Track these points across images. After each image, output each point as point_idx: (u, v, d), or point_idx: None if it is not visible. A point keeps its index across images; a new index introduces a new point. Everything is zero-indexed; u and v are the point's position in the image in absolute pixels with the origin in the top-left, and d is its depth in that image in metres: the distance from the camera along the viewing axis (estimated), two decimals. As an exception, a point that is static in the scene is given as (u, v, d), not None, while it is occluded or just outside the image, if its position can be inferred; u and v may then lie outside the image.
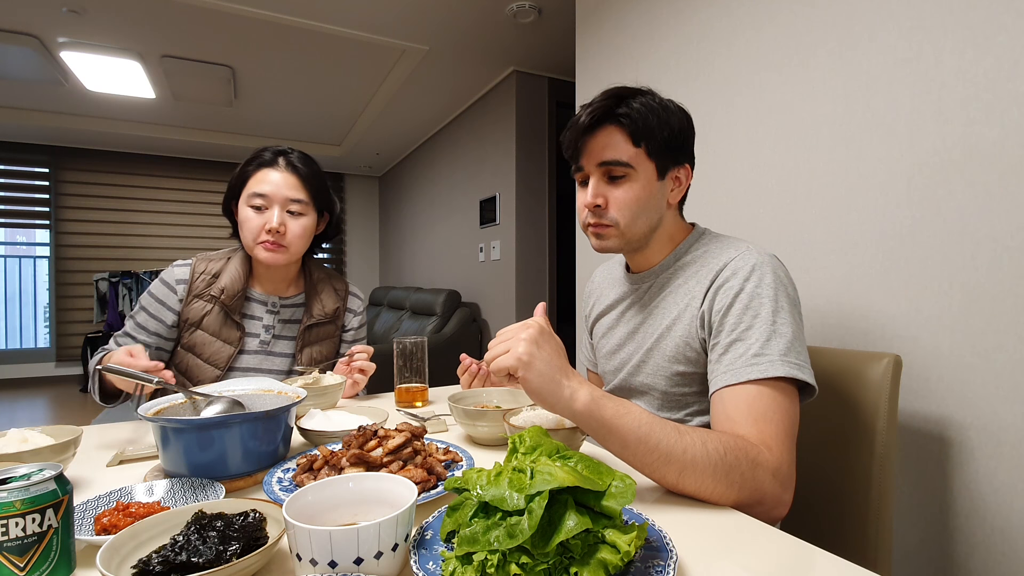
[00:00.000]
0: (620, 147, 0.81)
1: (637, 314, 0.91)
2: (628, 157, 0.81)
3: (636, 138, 0.80)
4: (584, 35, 2.09)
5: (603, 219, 0.84)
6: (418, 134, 4.84)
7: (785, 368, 0.68)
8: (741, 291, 0.75)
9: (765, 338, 0.70)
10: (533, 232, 3.47)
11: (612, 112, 0.81)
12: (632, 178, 0.82)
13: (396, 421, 0.94)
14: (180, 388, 0.77)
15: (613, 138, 0.81)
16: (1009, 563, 0.90)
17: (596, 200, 0.83)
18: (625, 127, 0.81)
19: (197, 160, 5.61)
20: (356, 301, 1.31)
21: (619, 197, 0.82)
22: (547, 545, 0.39)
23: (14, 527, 0.39)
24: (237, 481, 0.63)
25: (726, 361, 0.72)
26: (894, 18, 1.08)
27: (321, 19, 2.86)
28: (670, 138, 0.82)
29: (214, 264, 1.16)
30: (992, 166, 0.93)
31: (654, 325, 0.87)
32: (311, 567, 0.39)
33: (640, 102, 0.81)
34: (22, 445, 0.64)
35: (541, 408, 0.79)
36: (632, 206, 0.82)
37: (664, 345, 0.84)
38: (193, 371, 1.12)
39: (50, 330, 5.24)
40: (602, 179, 0.83)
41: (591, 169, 0.84)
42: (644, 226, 0.84)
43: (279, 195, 1.11)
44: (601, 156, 0.82)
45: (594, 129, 0.82)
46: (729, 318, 0.74)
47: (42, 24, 2.91)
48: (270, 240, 1.09)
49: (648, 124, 0.80)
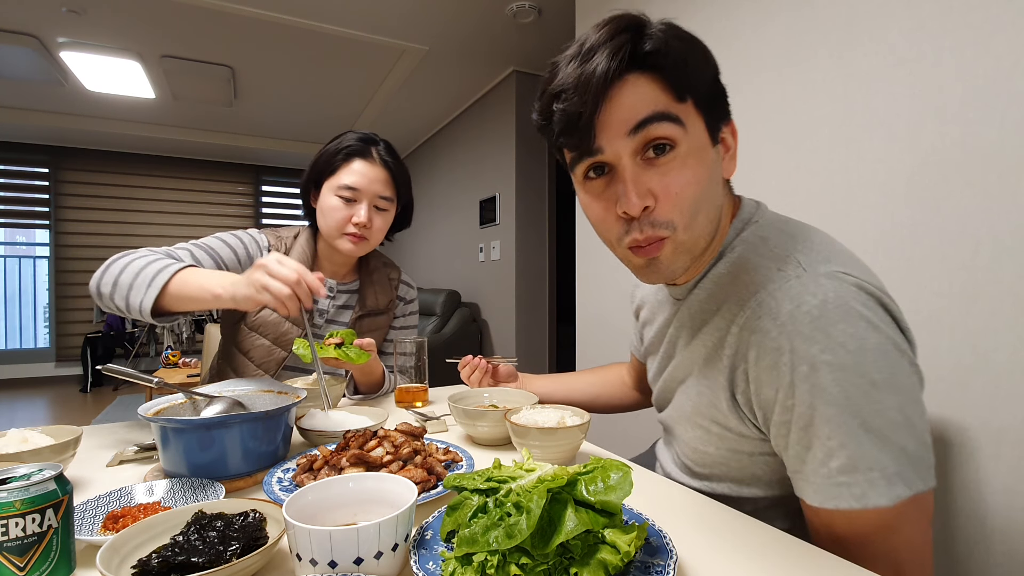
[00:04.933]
0: (660, 101, 0.52)
1: (673, 339, 0.68)
2: (677, 112, 0.52)
3: (679, 86, 0.52)
4: (584, 35, 2.09)
5: (657, 228, 0.54)
6: (418, 134, 4.84)
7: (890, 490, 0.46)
8: (800, 357, 0.48)
9: (856, 443, 0.47)
10: (533, 232, 3.47)
11: (636, 53, 0.51)
12: (682, 148, 0.53)
13: (396, 421, 0.93)
14: (180, 388, 0.77)
15: (645, 91, 0.52)
16: (1009, 563, 0.90)
17: (644, 200, 0.52)
18: (660, 73, 0.52)
19: (197, 160, 5.62)
20: (406, 289, 1.30)
21: (670, 184, 0.52)
22: (547, 546, 0.39)
23: (14, 527, 0.39)
24: (237, 481, 0.63)
25: (807, 471, 0.50)
26: (894, 18, 1.08)
27: (321, 19, 2.86)
28: (713, 79, 0.56)
29: (284, 241, 1.14)
30: (992, 166, 0.93)
31: (683, 361, 0.64)
32: (311, 567, 0.39)
33: (662, 29, 0.53)
34: (22, 445, 0.64)
35: (542, 408, 0.79)
36: (691, 192, 0.53)
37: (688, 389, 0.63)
38: (256, 352, 1.08)
39: (50, 330, 5.24)
40: (637, 159, 0.53)
41: (617, 147, 0.53)
42: (707, 223, 0.56)
43: (370, 190, 1.09)
44: (633, 118, 0.51)
45: (612, 84, 0.51)
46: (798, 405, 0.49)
47: (42, 24, 2.91)
48: (356, 233, 1.08)
49: (689, 60, 0.53)
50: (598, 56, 0.51)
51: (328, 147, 1.12)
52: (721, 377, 0.57)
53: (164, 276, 0.84)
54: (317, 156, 1.13)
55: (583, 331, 2.16)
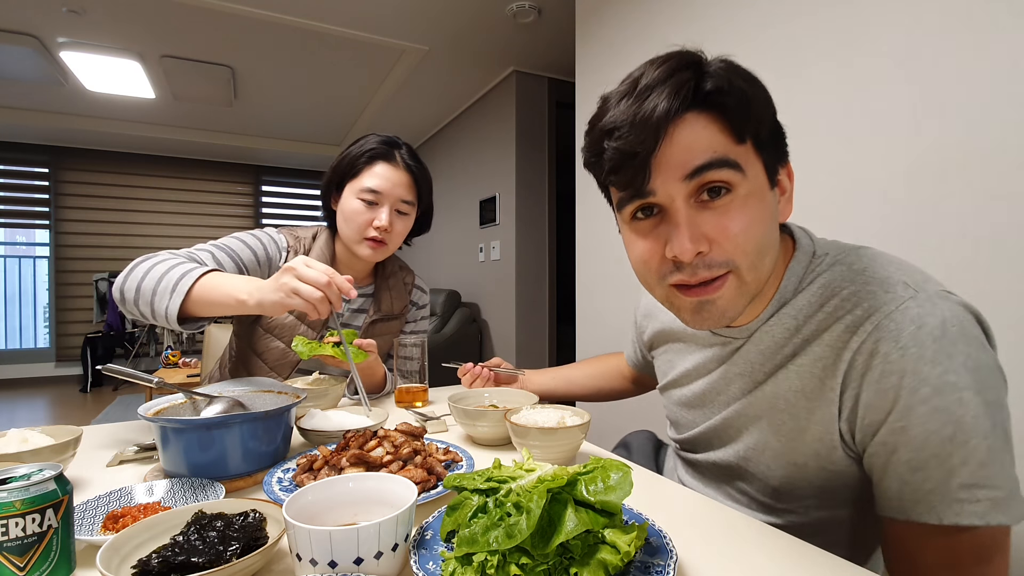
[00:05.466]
0: (718, 143, 0.50)
1: (736, 379, 0.64)
2: (736, 156, 0.51)
3: (739, 127, 0.50)
4: (584, 35, 2.09)
5: (714, 268, 0.52)
6: (418, 134, 4.84)
7: (1010, 509, 0.46)
8: (922, 379, 0.47)
9: (978, 461, 0.46)
10: (533, 232, 3.47)
11: (698, 92, 0.50)
12: (740, 190, 0.51)
13: (396, 421, 0.93)
14: (180, 388, 0.77)
15: (704, 132, 0.50)
16: (1010, 563, 0.90)
17: (699, 245, 0.51)
18: (721, 112, 0.50)
19: (197, 160, 5.62)
20: (419, 294, 1.29)
21: (728, 226, 0.51)
22: (547, 546, 0.39)
23: (14, 527, 0.39)
24: (237, 481, 0.63)
25: (914, 484, 0.49)
26: (894, 18, 1.08)
27: (321, 19, 2.86)
28: (772, 119, 0.54)
29: (302, 242, 1.13)
30: (992, 166, 0.93)
31: (761, 399, 0.61)
32: (311, 567, 0.39)
33: (723, 67, 0.51)
34: (22, 445, 0.64)
35: (542, 408, 0.79)
36: (753, 232, 0.51)
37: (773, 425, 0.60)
38: (271, 354, 1.08)
39: (50, 330, 5.24)
40: (691, 202, 0.51)
41: (671, 190, 0.51)
42: (771, 265, 0.55)
43: (393, 194, 1.08)
44: (689, 163, 0.50)
45: (668, 123, 0.49)
46: (912, 427, 0.48)
47: (42, 24, 2.91)
48: (377, 237, 1.07)
49: (750, 102, 0.51)
50: (656, 94, 0.50)
51: (351, 149, 1.11)
52: (831, 408, 0.54)
53: (188, 281, 0.82)
54: (339, 158, 1.12)
55: (583, 331, 2.16)
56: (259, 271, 1.05)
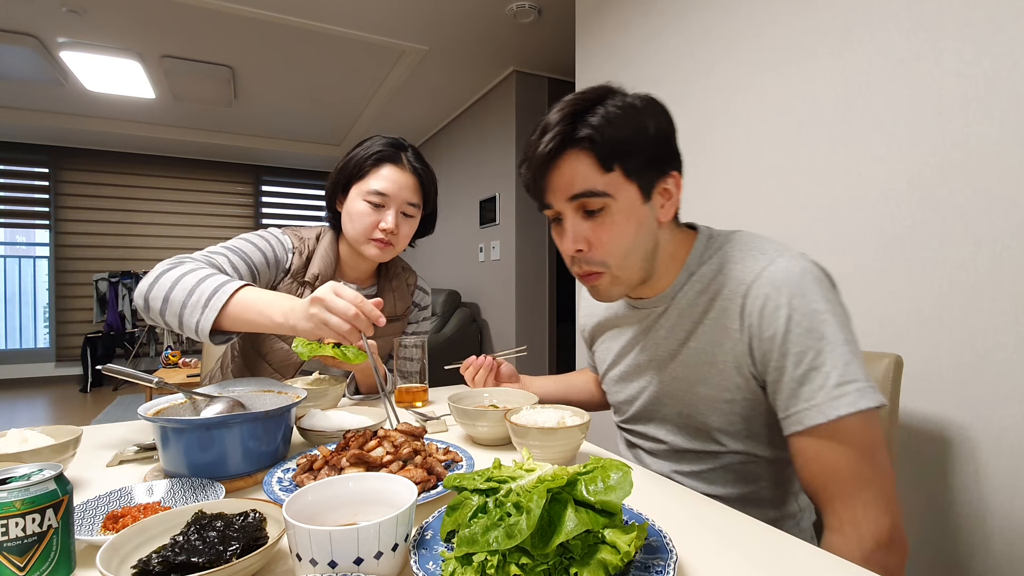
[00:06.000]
0: (590, 175, 0.66)
1: (652, 343, 0.78)
2: (603, 185, 0.66)
3: (607, 161, 0.66)
4: (584, 35, 2.10)
5: (592, 264, 0.70)
6: (418, 134, 4.84)
7: (876, 396, 0.60)
8: (793, 310, 0.63)
9: (844, 362, 0.61)
10: (533, 232, 3.47)
11: (571, 136, 0.66)
12: (612, 209, 0.67)
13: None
14: (180, 388, 0.77)
15: (579, 165, 0.66)
16: (1010, 563, 0.90)
17: (577, 245, 0.69)
18: (591, 150, 0.66)
19: (197, 160, 5.62)
20: (421, 295, 1.29)
21: (601, 236, 0.69)
22: (547, 546, 0.39)
23: (14, 527, 0.39)
24: (237, 481, 0.63)
25: (804, 395, 0.62)
26: (894, 18, 1.08)
27: (321, 19, 2.86)
28: (648, 148, 0.68)
29: (307, 243, 1.13)
30: (992, 166, 0.93)
31: (686, 355, 0.74)
32: (311, 567, 0.39)
33: (603, 112, 0.66)
34: (22, 445, 0.64)
35: (542, 408, 0.79)
36: (619, 243, 0.69)
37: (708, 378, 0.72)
38: (275, 355, 1.08)
39: (50, 330, 5.24)
40: (577, 215, 0.69)
41: (561, 206, 0.69)
42: (639, 261, 0.71)
43: (399, 196, 1.08)
44: (569, 190, 0.67)
45: (554, 159, 0.67)
46: (791, 345, 0.63)
47: (42, 24, 2.91)
48: (383, 239, 1.08)
49: (619, 139, 0.66)
50: (548, 136, 0.67)
51: (357, 151, 1.11)
52: (740, 345, 0.68)
53: (222, 297, 0.82)
54: (345, 160, 1.12)
55: (583, 331, 2.16)
56: (268, 273, 1.06)
